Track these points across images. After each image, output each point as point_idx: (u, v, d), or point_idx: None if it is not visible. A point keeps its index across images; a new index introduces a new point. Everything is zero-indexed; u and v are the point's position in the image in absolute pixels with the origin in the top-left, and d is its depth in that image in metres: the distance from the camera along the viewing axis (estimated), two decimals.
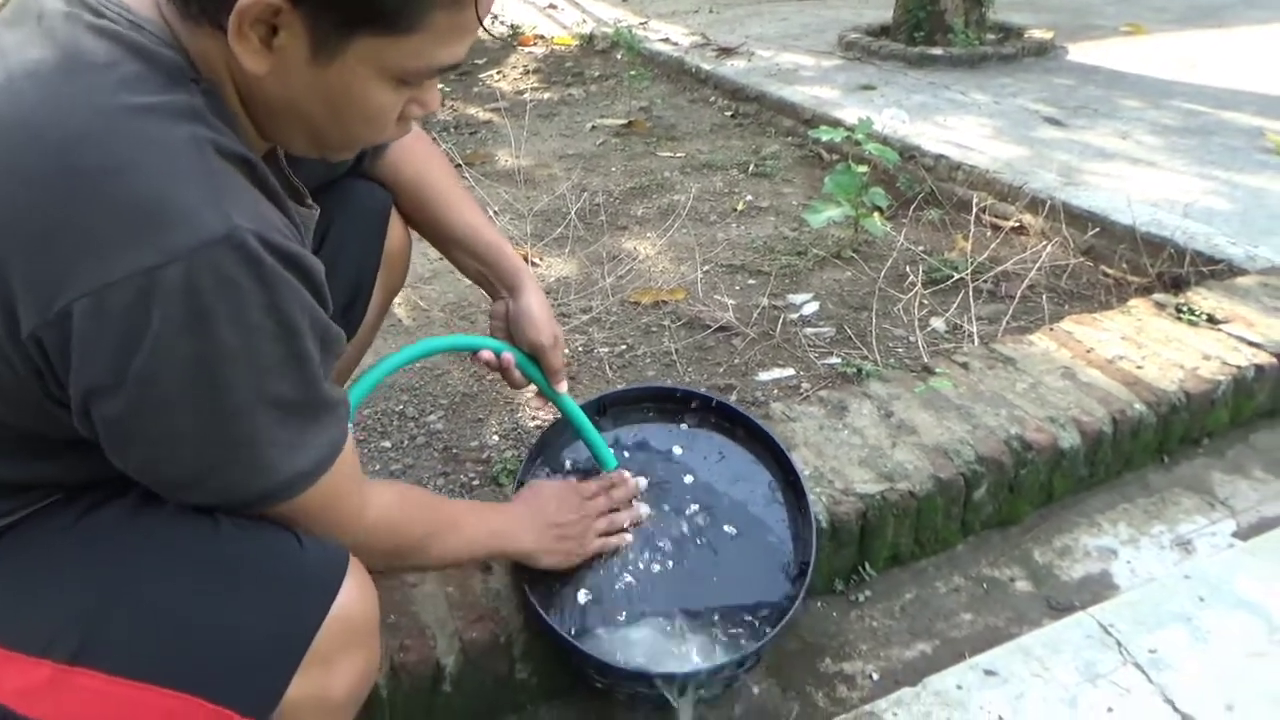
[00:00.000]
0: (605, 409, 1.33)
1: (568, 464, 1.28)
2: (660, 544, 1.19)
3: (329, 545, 0.78)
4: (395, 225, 1.19)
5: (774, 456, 1.29)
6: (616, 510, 1.20)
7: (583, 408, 1.27)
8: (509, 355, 1.16)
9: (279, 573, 0.75)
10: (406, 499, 0.96)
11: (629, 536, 1.19)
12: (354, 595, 0.77)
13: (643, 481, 1.24)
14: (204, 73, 0.72)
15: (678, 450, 1.30)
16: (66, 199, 0.65)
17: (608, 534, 1.18)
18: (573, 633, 1.09)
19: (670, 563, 1.18)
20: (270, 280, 0.68)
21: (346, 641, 0.77)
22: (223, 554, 0.75)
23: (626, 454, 1.29)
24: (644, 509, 1.22)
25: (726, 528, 1.21)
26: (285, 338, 0.71)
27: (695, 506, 1.24)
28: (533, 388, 1.21)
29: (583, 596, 1.12)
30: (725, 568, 1.18)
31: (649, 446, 1.30)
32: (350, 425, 0.83)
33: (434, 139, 3.24)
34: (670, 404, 1.35)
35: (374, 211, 1.16)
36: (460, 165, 2.98)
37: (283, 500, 0.77)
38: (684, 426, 1.33)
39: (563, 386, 1.20)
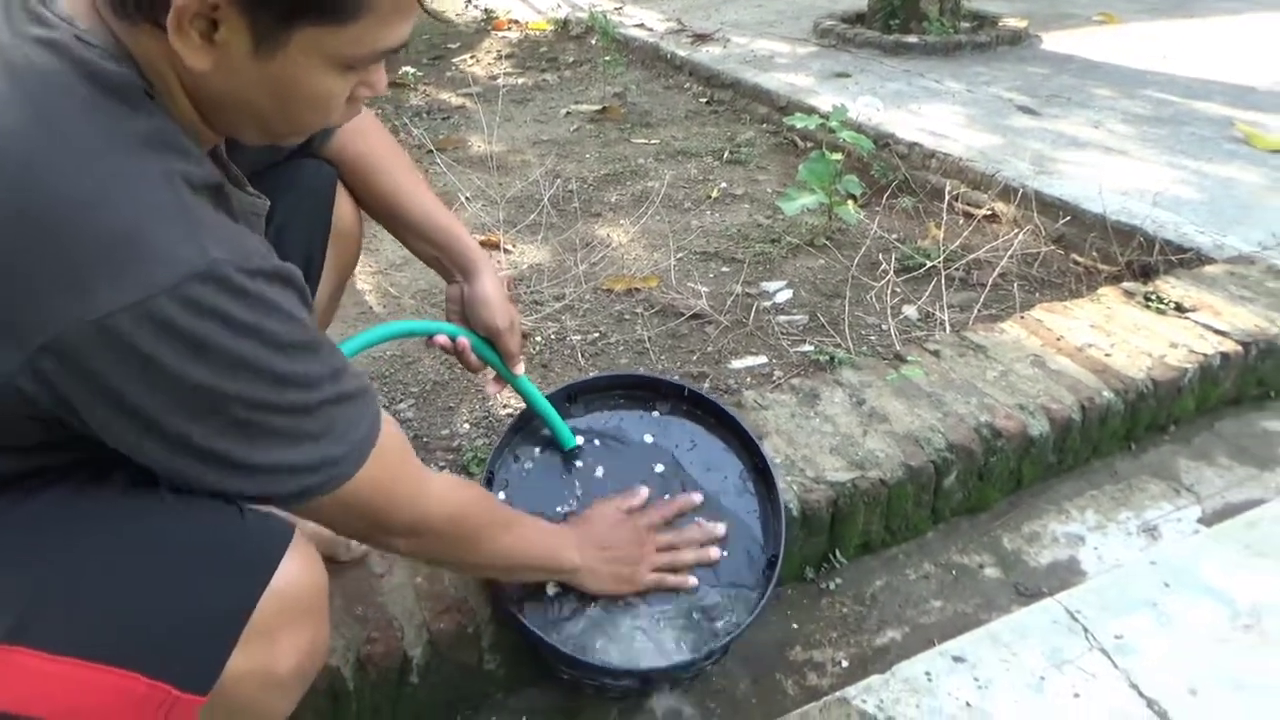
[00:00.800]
0: (575, 397, 1.32)
1: (537, 452, 1.27)
2: None
3: (272, 518, 0.77)
4: (343, 202, 1.17)
5: (744, 445, 1.28)
6: (679, 549, 1.17)
7: (552, 395, 1.26)
8: (464, 340, 1.15)
9: (217, 546, 0.74)
10: (467, 488, 0.97)
11: (693, 580, 1.15)
12: (297, 569, 0.77)
13: (720, 528, 1.20)
14: (149, 75, 0.71)
15: (649, 438, 1.30)
16: (36, 236, 0.64)
17: (667, 570, 1.15)
18: (541, 626, 1.08)
19: None
20: (259, 303, 0.69)
21: (289, 615, 0.76)
22: (161, 530, 0.74)
23: (597, 442, 1.28)
24: (715, 552, 1.18)
25: (697, 517, 1.21)
26: (284, 350, 0.71)
27: (666, 496, 1.23)
28: (490, 371, 1.20)
29: (551, 589, 1.12)
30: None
31: (620, 434, 1.29)
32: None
33: (406, 124, 3.22)
34: (641, 392, 1.34)
35: (317, 188, 1.14)
36: (432, 151, 2.95)
37: (330, 488, 0.77)
38: (655, 414, 1.33)
39: (520, 369, 1.19)
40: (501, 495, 1.22)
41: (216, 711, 0.73)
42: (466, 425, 1.71)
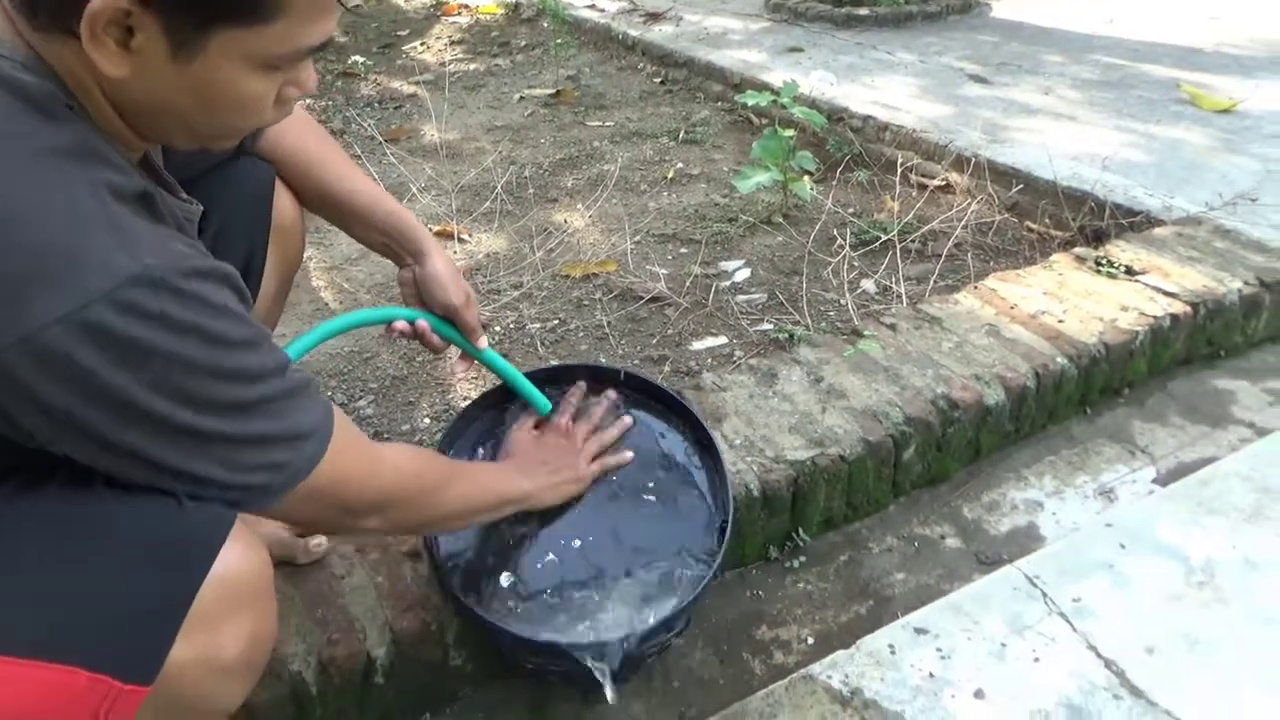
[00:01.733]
0: (514, 395, 1.30)
1: (480, 453, 1.27)
2: (580, 518, 1.19)
3: (212, 507, 0.77)
4: (283, 198, 1.16)
5: (688, 421, 1.29)
6: (599, 431, 1.26)
7: (491, 393, 1.26)
8: (423, 322, 1.14)
9: (155, 536, 0.74)
10: (417, 450, 1.01)
11: (629, 454, 1.24)
12: (238, 556, 0.77)
13: (611, 393, 1.29)
14: (70, 85, 0.70)
15: None
16: None
17: (601, 454, 1.23)
18: (497, 616, 1.08)
19: (591, 536, 1.17)
20: (198, 302, 0.69)
21: (232, 602, 0.76)
22: (97, 524, 0.74)
23: None
24: (627, 418, 1.28)
25: (646, 496, 1.22)
26: (232, 347, 0.72)
27: (613, 478, 1.24)
28: (455, 351, 1.21)
29: (505, 579, 1.11)
30: (646, 536, 1.18)
31: None
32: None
33: (357, 115, 3.17)
34: (580, 382, 1.34)
35: (255, 186, 1.13)
36: (383, 142, 2.91)
37: (294, 482, 0.79)
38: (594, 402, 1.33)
39: (483, 342, 1.20)
40: None
41: (162, 703, 0.73)
42: (427, 419, 1.69)
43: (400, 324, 1.15)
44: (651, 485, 1.23)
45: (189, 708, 0.77)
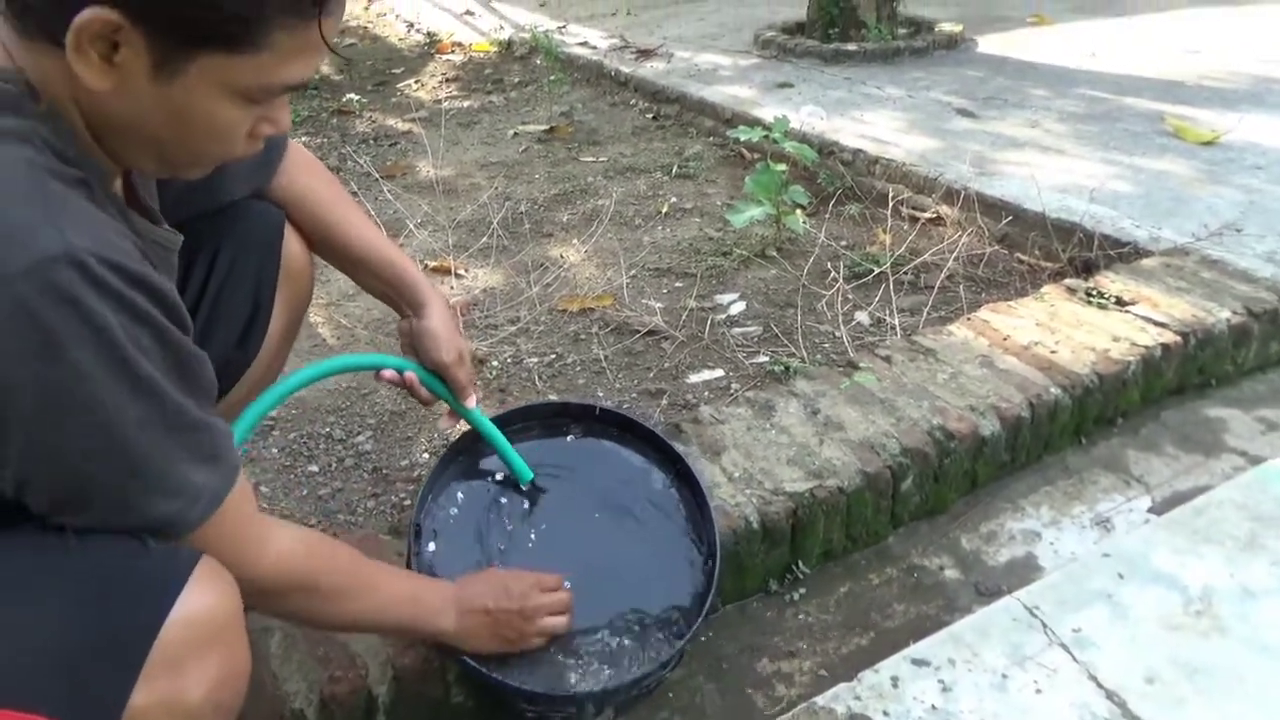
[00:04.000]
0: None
1: (459, 496, 1.27)
2: (567, 561, 1.18)
3: (178, 546, 0.75)
4: (292, 241, 1.17)
5: (667, 454, 1.30)
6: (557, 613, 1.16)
7: (465, 436, 1.26)
8: (411, 374, 1.15)
9: (113, 580, 0.73)
10: (315, 550, 0.92)
11: (563, 620, 1.14)
12: (201, 595, 0.75)
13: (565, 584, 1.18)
14: (45, 95, 0.70)
15: (571, 463, 1.30)
16: None
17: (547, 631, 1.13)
18: (496, 668, 1.08)
19: (578, 579, 1.17)
20: (116, 299, 0.68)
21: (195, 643, 0.74)
22: (56, 568, 0.72)
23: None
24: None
25: (631, 534, 1.22)
26: (141, 358, 0.70)
27: (596, 516, 1.24)
28: (444, 406, 1.21)
29: None
30: (634, 575, 1.18)
31: (541, 463, 1.29)
32: (242, 457, 0.83)
33: (352, 152, 3.20)
34: (555, 419, 1.35)
35: (265, 229, 1.14)
36: (380, 178, 2.94)
37: (171, 537, 0.76)
38: (570, 439, 1.34)
39: (471, 402, 1.20)
40: (432, 545, 1.21)
41: None
42: (425, 455, 1.70)
43: (389, 372, 1.16)
44: (635, 525, 1.23)
45: None
